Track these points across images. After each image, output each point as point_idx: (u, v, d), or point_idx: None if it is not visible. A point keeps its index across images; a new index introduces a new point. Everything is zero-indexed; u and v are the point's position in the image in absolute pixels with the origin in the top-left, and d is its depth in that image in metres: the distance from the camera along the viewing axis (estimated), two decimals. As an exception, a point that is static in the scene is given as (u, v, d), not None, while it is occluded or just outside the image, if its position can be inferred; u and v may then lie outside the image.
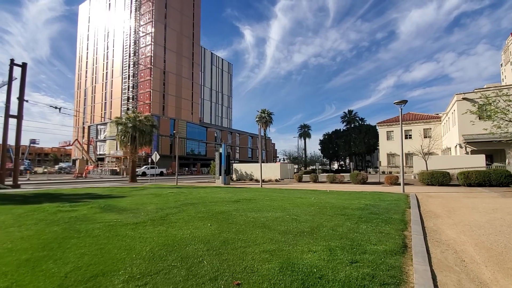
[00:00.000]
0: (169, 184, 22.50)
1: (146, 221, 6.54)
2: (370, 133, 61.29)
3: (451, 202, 9.80)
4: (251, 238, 4.95)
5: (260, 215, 7.20)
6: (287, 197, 11.04)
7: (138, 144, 24.25)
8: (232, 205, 8.92)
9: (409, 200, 10.07)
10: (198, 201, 9.94)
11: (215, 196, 11.84)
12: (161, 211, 7.99)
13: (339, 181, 21.66)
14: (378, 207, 8.23)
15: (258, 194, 12.63)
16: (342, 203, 9.21)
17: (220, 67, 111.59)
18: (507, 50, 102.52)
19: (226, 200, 10.17)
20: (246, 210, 7.92)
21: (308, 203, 9.31)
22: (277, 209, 8.04)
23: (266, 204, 9.16)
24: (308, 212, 7.56)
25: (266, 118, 49.43)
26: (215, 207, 8.60)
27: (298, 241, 4.73)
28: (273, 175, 27.25)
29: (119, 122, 24.41)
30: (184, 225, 6.10)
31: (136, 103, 63.22)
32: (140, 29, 64.93)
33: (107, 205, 9.05)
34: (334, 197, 10.94)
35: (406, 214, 7.38)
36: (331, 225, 5.92)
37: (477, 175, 16.81)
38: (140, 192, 14.01)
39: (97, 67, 74.85)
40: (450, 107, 32.22)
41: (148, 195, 12.44)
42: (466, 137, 26.91)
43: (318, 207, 8.38)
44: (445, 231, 5.66)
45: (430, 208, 8.61)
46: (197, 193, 13.40)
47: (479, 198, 10.66)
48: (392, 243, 4.55)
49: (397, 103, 13.01)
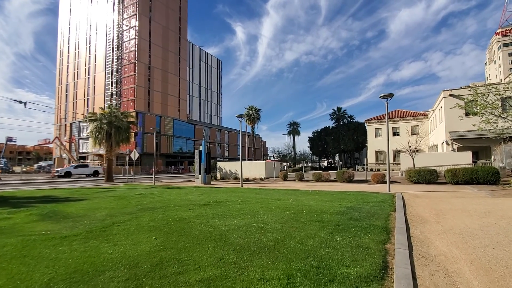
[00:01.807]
0: (146, 184, 21.19)
1: (80, 233, 5.40)
2: (359, 131, 61.14)
3: (439, 203, 9.03)
4: (196, 257, 3.91)
5: (223, 222, 6.16)
6: (263, 199, 10.05)
7: (114, 142, 22.72)
8: (197, 210, 7.85)
9: (394, 201, 9.24)
10: (161, 205, 8.82)
11: (186, 198, 10.73)
12: (110, 218, 6.84)
13: (325, 180, 20.87)
14: (360, 211, 7.33)
15: (234, 195, 11.59)
16: (321, 206, 8.27)
17: (209, 64, 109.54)
18: (491, 49, 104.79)
19: (194, 203, 9.08)
20: (209, 217, 6.87)
21: (284, 206, 8.34)
22: (246, 215, 7.02)
23: (237, 208, 8.13)
24: (279, 218, 6.57)
25: (254, 115, 48.33)
26: (176, 212, 7.52)
27: (253, 261, 3.72)
28: (258, 174, 26.27)
29: (92, 118, 22.77)
30: (123, 238, 5.00)
31: (120, 99, 60.96)
32: (124, 22, 62.49)
33: (51, 212, 7.83)
34: (314, 199, 10.01)
35: (390, 219, 6.49)
36: (301, 236, 4.95)
37: (464, 172, 16.29)
38: (105, 194, 12.75)
39: (79, 61, 71.85)
40: (437, 104, 31.99)
41: (112, 197, 11.22)
42: (453, 133, 26.64)
43: (293, 211, 7.42)
44: (434, 242, 4.77)
45: (417, 210, 7.78)
46: (168, 194, 12.26)
47: (468, 198, 9.95)
48: (369, 264, 3.59)
49: (383, 97, 12.18)
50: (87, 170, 36.54)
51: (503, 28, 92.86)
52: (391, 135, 39.47)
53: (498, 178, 15.41)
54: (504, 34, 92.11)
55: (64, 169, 35.01)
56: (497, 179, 15.37)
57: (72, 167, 35.76)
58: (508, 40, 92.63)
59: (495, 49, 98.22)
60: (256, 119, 48.65)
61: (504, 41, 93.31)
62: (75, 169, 35.12)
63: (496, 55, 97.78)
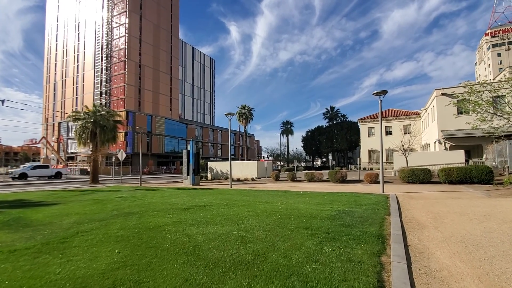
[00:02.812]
0: (132, 185, 20.36)
1: (34, 245, 4.71)
2: (352, 130, 61.10)
3: (435, 205, 8.58)
4: (158, 278, 3.28)
5: (201, 231, 5.54)
6: (250, 202, 9.45)
7: (99, 142, 21.78)
8: (176, 215, 7.20)
9: (389, 203, 8.76)
10: (139, 210, 8.13)
11: (168, 201, 10.04)
12: (76, 226, 6.14)
13: (317, 180, 20.40)
14: (353, 215, 6.79)
15: (220, 197, 10.95)
16: (311, 209, 7.72)
17: (202, 63, 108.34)
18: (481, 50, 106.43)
19: (175, 208, 8.42)
20: (188, 224, 6.24)
21: (272, 210, 7.75)
22: (229, 221, 6.41)
23: (220, 212, 7.51)
24: (265, 225, 5.98)
25: (246, 114, 47.67)
26: (152, 219, 6.85)
27: (225, 283, 3.12)
28: (249, 174, 25.66)
29: (77, 117, 21.79)
30: (82, 252, 4.33)
31: (110, 98, 59.52)
32: (113, 19, 61.01)
33: (14, 219, 7.07)
34: (305, 201, 9.46)
35: (385, 224, 5.97)
36: (286, 247, 4.36)
37: (458, 172, 16.01)
38: (83, 197, 11.96)
39: (67, 59, 69.97)
40: (429, 103, 31.89)
41: (89, 201, 10.46)
42: (445, 132, 26.51)
43: (281, 216, 6.84)
44: (435, 253, 4.24)
45: (413, 214, 7.29)
46: (151, 197, 11.55)
47: (464, 199, 9.54)
48: (362, 285, 3.03)
49: (376, 94, 11.70)
50: (47, 172, 32.54)
51: (492, 29, 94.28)
52: (384, 134, 39.35)
53: (492, 177, 15.15)
54: (493, 34, 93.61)
55: (19, 171, 31.32)
56: (491, 178, 15.11)
57: (28, 168, 31.81)
58: (497, 40, 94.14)
59: (485, 49, 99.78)
60: (248, 118, 48.01)
61: (493, 42, 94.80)
62: (32, 171, 31.22)
63: (486, 56, 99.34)
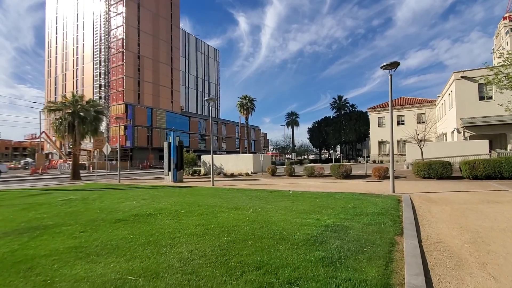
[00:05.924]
0: (111, 182, 18.43)
1: None
2: (361, 120, 57.78)
3: (468, 214, 6.11)
4: None
5: (84, 272, 3.32)
6: (216, 208, 7.18)
7: (78, 134, 19.90)
8: (86, 236, 4.99)
9: (400, 211, 6.34)
10: (53, 223, 5.98)
11: (114, 207, 7.88)
12: None
13: (318, 175, 17.97)
14: (345, 236, 4.43)
15: (185, 200, 8.73)
16: (288, 222, 5.39)
17: (207, 54, 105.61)
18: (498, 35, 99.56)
19: (106, 219, 6.23)
20: (83, 252, 4.02)
21: (232, 224, 5.46)
22: (155, 246, 4.16)
23: (159, 228, 5.27)
24: (198, 256, 3.69)
25: (248, 104, 45.19)
26: (45, 242, 4.68)
27: None
28: (245, 168, 23.43)
29: (52, 108, 19.91)
30: None
31: (108, 91, 58.05)
32: (111, 9, 59.00)
33: None
34: (287, 207, 7.13)
35: (394, 258, 3.59)
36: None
37: (485, 165, 13.30)
38: (26, 199, 9.98)
39: (67, 52, 68.77)
40: (446, 89, 28.64)
41: (21, 205, 8.44)
42: (465, 120, 23.46)
43: (235, 237, 4.53)
44: None
45: (438, 232, 4.86)
46: (102, 201, 9.42)
47: (506, 204, 7.00)
48: None
49: (385, 67, 9.10)
50: None
51: (510, 12, 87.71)
52: (395, 124, 36.27)
53: (528, 171, 12.43)
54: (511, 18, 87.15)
55: None
56: (527, 172, 12.39)
57: None
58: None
59: (503, 34, 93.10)
60: (250, 109, 45.54)
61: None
62: None
63: (504, 41, 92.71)
